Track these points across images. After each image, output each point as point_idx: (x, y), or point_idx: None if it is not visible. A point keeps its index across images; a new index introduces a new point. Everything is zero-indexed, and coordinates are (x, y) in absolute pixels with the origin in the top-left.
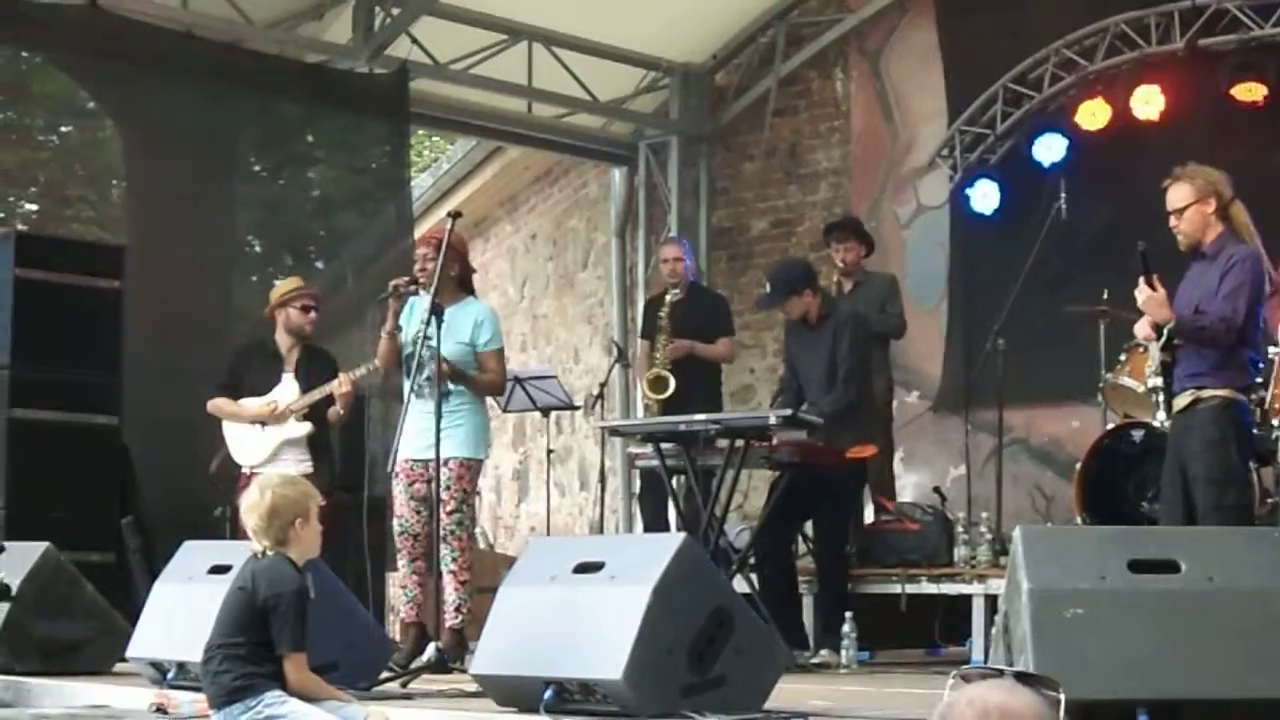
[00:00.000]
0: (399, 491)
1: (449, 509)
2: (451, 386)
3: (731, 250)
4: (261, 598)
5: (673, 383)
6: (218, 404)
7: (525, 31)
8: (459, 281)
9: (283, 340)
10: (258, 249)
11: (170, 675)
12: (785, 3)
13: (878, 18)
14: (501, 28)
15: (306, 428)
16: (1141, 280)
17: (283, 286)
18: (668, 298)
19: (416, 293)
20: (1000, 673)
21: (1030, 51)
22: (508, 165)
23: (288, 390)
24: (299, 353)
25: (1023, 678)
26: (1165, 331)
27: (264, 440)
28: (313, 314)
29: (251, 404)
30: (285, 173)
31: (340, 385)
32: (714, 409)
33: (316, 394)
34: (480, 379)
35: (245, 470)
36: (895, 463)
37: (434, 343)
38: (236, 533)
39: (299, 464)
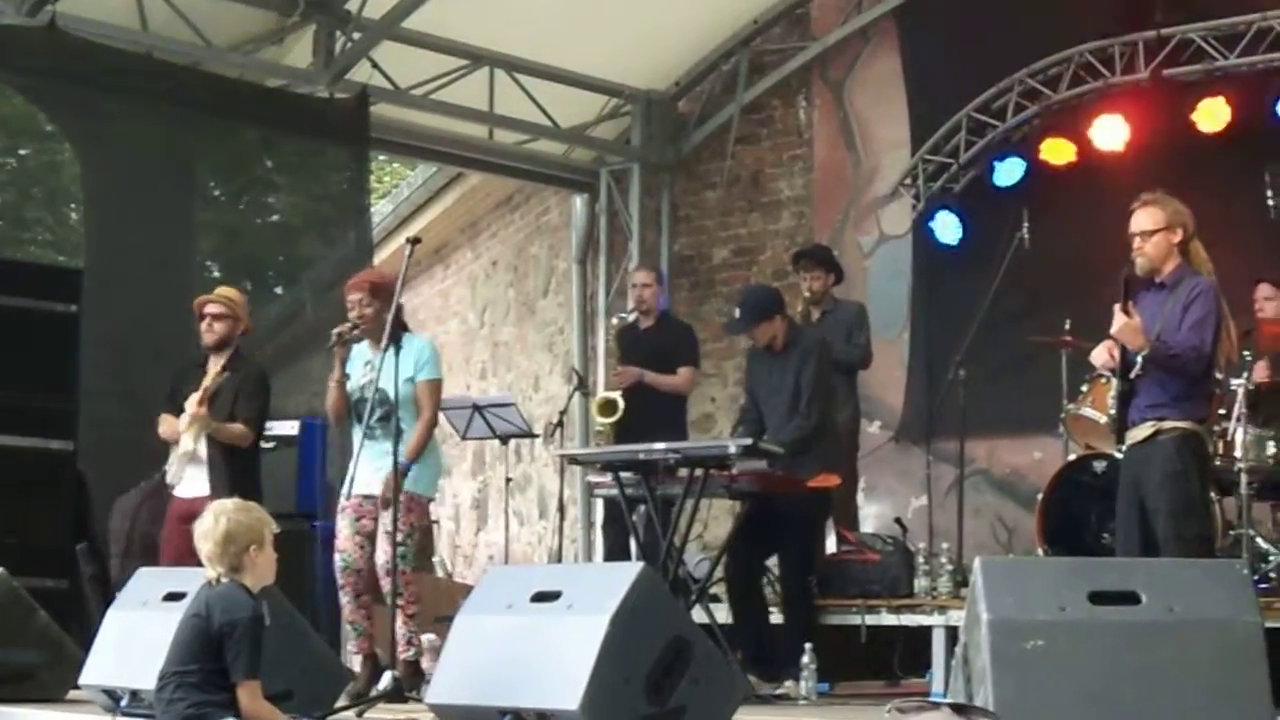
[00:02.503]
0: (343, 526)
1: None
2: (404, 426)
3: (693, 278)
4: (216, 625)
5: (621, 405)
6: (161, 419)
7: (487, 57)
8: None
9: (208, 353)
10: (216, 274)
11: (123, 703)
12: (748, 30)
13: (841, 46)
14: (463, 53)
15: (188, 445)
16: (1118, 306)
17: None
18: (615, 324)
19: (360, 338)
20: (936, 705)
21: (994, 81)
22: (469, 191)
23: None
24: (219, 366)
25: (959, 709)
26: (1139, 360)
27: (174, 463)
28: (209, 321)
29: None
30: (245, 197)
31: (191, 404)
32: (678, 438)
33: (187, 415)
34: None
35: (171, 492)
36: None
37: (380, 383)
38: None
39: (197, 484)
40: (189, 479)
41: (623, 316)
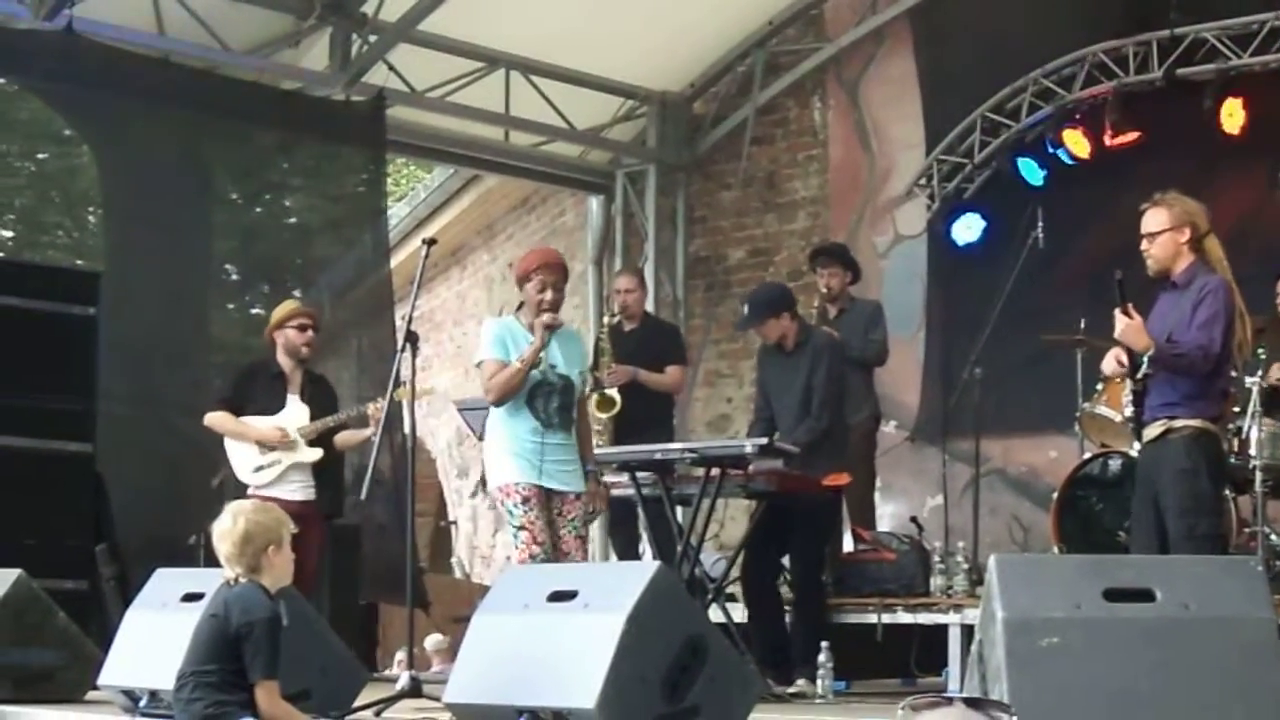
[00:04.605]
0: (535, 519)
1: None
2: (574, 415)
3: (709, 279)
4: (234, 625)
5: (619, 400)
6: (219, 418)
7: (503, 59)
8: None
9: (285, 363)
10: (234, 277)
11: (142, 703)
12: (763, 31)
13: (856, 47)
14: (479, 56)
15: (317, 454)
16: (1118, 310)
17: (281, 310)
18: (607, 323)
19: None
20: (950, 700)
21: (1008, 81)
22: (485, 194)
23: (295, 413)
24: (302, 376)
25: (973, 703)
26: (1144, 360)
27: (272, 462)
28: (310, 333)
29: (259, 424)
30: (262, 200)
31: (378, 410)
32: (666, 437)
33: (331, 421)
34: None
35: (251, 490)
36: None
37: (560, 370)
38: (210, 560)
39: (304, 489)
40: (290, 484)
41: (612, 316)
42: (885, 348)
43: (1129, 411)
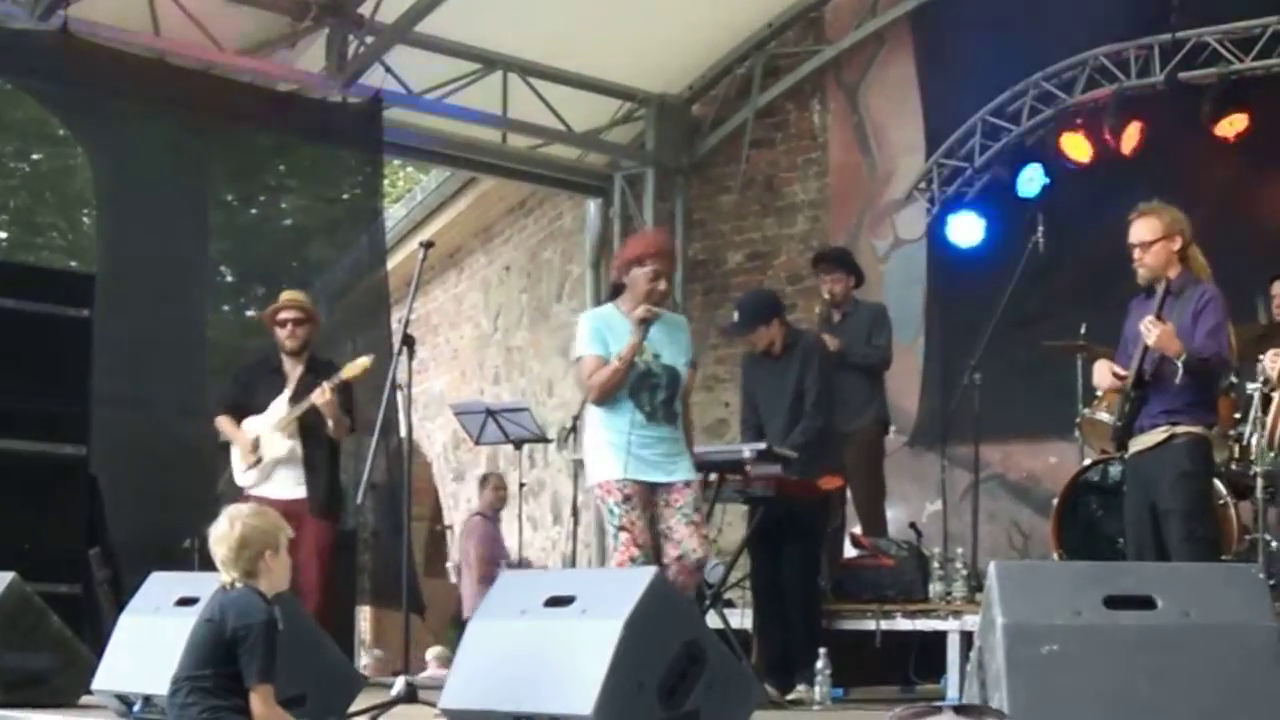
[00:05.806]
0: (636, 519)
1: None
2: (679, 408)
3: (707, 283)
4: (230, 630)
5: None
6: (219, 422)
7: (500, 61)
8: None
9: (285, 356)
10: (229, 278)
11: (136, 708)
12: (762, 34)
13: (855, 50)
14: (476, 57)
15: (285, 445)
16: (1150, 317)
17: (274, 304)
18: None
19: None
20: (939, 709)
21: (1009, 84)
22: (482, 196)
23: (280, 409)
24: (301, 369)
25: (963, 711)
26: (1179, 365)
27: (256, 461)
28: (291, 327)
29: (248, 426)
30: (257, 202)
31: (322, 395)
32: None
33: (296, 411)
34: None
35: (245, 492)
36: None
37: (665, 360)
38: (205, 564)
39: (295, 485)
40: (280, 480)
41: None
42: (889, 352)
43: (1120, 422)
